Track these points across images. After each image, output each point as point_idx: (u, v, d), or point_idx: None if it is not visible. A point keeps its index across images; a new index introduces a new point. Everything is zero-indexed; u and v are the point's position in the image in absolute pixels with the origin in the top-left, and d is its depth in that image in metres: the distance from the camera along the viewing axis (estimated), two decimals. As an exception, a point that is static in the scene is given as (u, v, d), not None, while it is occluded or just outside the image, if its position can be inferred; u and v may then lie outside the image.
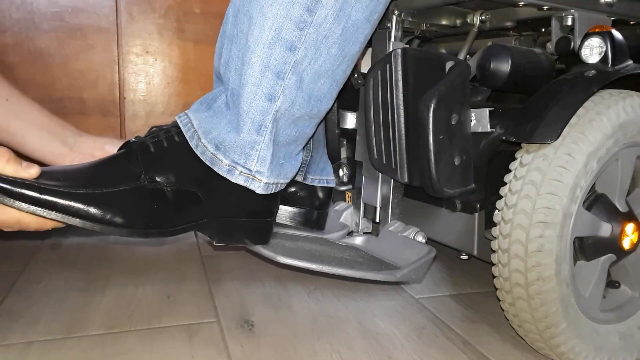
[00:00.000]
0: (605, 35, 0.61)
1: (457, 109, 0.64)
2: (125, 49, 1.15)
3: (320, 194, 0.85)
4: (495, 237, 0.58)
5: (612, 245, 0.60)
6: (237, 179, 0.59)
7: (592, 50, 0.62)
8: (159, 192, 0.56)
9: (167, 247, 0.94)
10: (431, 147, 0.61)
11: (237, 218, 0.62)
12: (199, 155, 0.58)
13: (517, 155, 0.58)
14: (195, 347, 0.59)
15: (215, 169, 0.58)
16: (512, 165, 0.58)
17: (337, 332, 0.64)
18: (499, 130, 0.66)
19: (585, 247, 0.60)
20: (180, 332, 0.63)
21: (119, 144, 0.68)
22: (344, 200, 0.88)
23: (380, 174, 0.78)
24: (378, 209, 0.79)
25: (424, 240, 0.75)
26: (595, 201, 0.61)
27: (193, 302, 0.71)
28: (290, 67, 0.55)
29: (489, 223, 0.67)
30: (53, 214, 0.51)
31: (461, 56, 0.79)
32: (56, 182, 0.52)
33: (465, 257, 0.90)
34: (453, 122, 0.63)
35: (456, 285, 0.82)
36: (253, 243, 0.65)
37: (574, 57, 0.66)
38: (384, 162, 0.72)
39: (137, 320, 0.65)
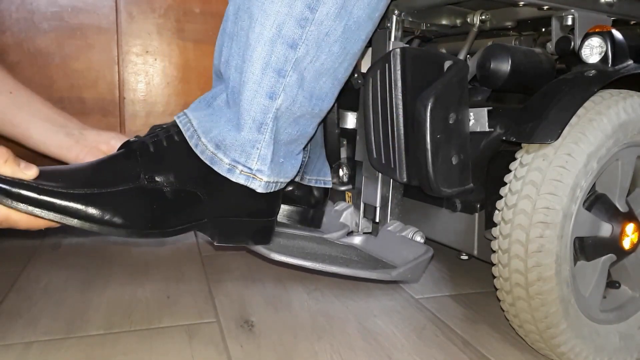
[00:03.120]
0: (606, 35, 0.61)
1: (455, 108, 0.63)
2: (125, 49, 1.15)
3: (317, 193, 0.84)
4: (495, 238, 0.58)
5: (612, 246, 0.60)
6: (238, 178, 0.58)
7: (592, 50, 0.62)
8: (159, 192, 0.56)
9: (167, 247, 0.94)
10: (428, 146, 0.61)
11: (238, 218, 0.62)
12: (198, 154, 0.58)
13: (517, 155, 0.58)
14: (195, 347, 0.59)
15: (216, 168, 0.58)
16: (512, 166, 0.58)
17: (337, 332, 0.64)
18: (499, 130, 0.66)
19: (586, 247, 0.60)
20: (180, 332, 0.63)
21: (124, 138, 0.66)
22: (344, 200, 0.88)
23: (380, 174, 0.78)
24: (377, 209, 0.79)
25: (422, 240, 0.75)
26: (596, 201, 0.61)
27: (193, 302, 0.71)
28: (291, 65, 0.55)
29: (489, 223, 0.67)
30: (51, 215, 0.51)
31: (461, 56, 0.79)
32: (54, 182, 0.52)
33: (465, 257, 0.90)
34: (450, 122, 0.63)
35: (456, 285, 0.82)
36: (254, 243, 0.65)
37: (574, 57, 0.66)
38: (383, 162, 0.72)
39: (137, 320, 0.65)
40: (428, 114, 0.60)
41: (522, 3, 0.68)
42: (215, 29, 1.21)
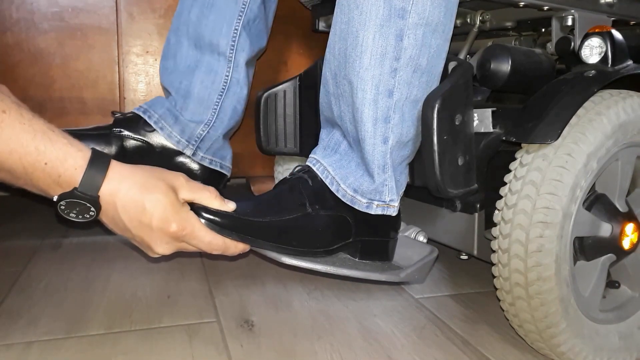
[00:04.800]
0: (605, 36, 0.61)
1: (461, 109, 0.63)
2: (125, 49, 1.15)
3: (208, 177, 0.89)
4: (495, 237, 0.58)
5: (612, 245, 0.60)
6: (375, 210, 0.67)
7: (592, 51, 0.62)
8: (321, 218, 0.65)
9: (167, 247, 0.94)
10: (435, 147, 0.61)
11: (375, 238, 0.70)
12: (339, 197, 0.66)
13: (517, 155, 0.58)
14: (195, 347, 0.59)
15: (355, 207, 0.67)
16: (512, 165, 0.58)
17: (337, 332, 0.64)
18: (499, 130, 0.66)
19: (585, 247, 0.60)
20: (180, 332, 0.63)
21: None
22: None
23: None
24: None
25: (425, 240, 0.75)
26: (595, 201, 0.61)
27: (193, 302, 0.71)
28: (392, 109, 0.62)
29: (489, 223, 0.67)
30: (253, 241, 0.60)
31: (461, 56, 0.79)
32: (248, 214, 0.60)
33: (465, 257, 0.90)
34: (457, 123, 0.63)
35: (456, 285, 0.82)
36: (385, 260, 0.71)
37: (574, 57, 0.66)
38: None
39: (137, 320, 0.65)
40: (435, 116, 0.60)
41: (522, 3, 0.68)
42: (215, 29, 1.20)
